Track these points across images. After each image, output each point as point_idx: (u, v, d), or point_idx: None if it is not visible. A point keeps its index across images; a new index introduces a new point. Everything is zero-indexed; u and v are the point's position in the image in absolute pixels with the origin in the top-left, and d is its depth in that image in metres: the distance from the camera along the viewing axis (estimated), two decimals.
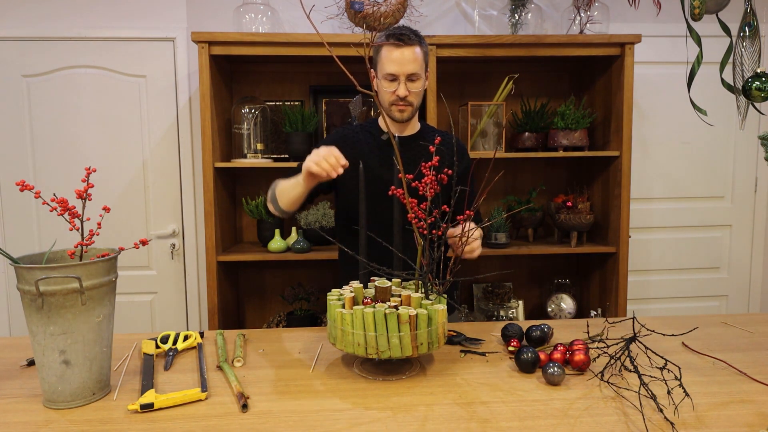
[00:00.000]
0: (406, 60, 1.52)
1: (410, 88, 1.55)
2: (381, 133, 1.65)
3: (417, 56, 1.53)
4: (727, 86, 1.48)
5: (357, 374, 1.15)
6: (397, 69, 1.52)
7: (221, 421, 0.95)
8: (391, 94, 1.55)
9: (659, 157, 2.87)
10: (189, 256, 2.71)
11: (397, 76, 1.53)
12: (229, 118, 2.56)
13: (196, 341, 1.34)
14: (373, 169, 1.61)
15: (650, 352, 1.27)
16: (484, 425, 0.93)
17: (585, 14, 2.48)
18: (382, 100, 1.60)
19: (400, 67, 1.52)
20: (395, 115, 1.59)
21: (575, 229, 2.50)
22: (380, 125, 1.68)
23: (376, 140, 1.65)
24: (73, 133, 2.61)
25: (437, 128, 1.86)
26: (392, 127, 1.65)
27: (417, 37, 1.55)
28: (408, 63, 1.52)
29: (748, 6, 1.42)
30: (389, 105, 1.57)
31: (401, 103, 1.56)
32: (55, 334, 0.98)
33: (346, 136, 1.67)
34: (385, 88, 1.56)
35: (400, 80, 1.53)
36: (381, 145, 1.64)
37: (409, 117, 1.60)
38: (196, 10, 2.61)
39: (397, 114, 1.58)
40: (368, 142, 1.65)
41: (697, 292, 2.98)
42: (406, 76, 1.53)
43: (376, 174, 1.61)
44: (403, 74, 1.53)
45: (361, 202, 1.24)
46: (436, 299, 1.18)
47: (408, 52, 1.52)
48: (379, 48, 1.56)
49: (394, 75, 1.53)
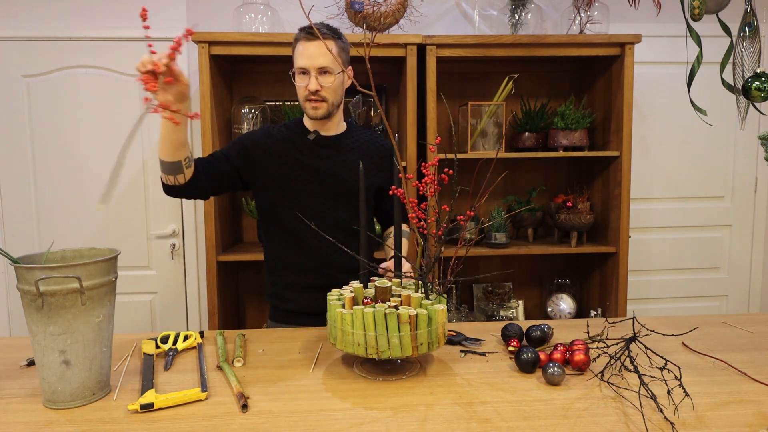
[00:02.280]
0: (317, 53, 1.49)
1: (322, 83, 1.51)
2: (307, 133, 1.62)
3: (327, 50, 1.46)
4: (727, 86, 1.48)
5: (357, 374, 1.15)
6: (306, 63, 1.50)
7: (221, 421, 0.95)
8: (303, 88, 1.53)
9: (659, 157, 2.87)
10: (189, 256, 2.71)
11: (308, 69, 1.50)
12: (229, 118, 2.56)
13: (196, 341, 1.34)
14: (306, 166, 1.59)
15: (650, 352, 1.27)
16: (484, 425, 0.93)
17: (585, 14, 2.48)
18: (298, 98, 1.58)
19: (309, 60, 1.49)
20: (309, 112, 1.56)
21: (575, 229, 2.50)
22: (306, 125, 1.65)
23: (304, 139, 1.62)
24: (73, 133, 2.61)
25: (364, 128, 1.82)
26: (315, 125, 1.62)
27: (332, 32, 1.53)
28: (318, 56, 1.49)
29: (748, 6, 1.42)
30: (304, 101, 1.55)
31: (314, 98, 1.53)
32: (55, 334, 0.98)
33: (271, 134, 1.63)
34: (297, 83, 1.54)
35: (310, 74, 1.51)
36: (310, 144, 1.61)
37: (324, 114, 1.56)
38: (196, 10, 2.61)
39: (311, 111, 1.55)
40: (296, 140, 1.62)
41: (697, 292, 2.98)
42: (316, 70, 1.50)
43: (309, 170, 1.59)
44: (313, 68, 1.50)
45: (361, 202, 1.24)
46: (436, 299, 1.18)
47: (317, 45, 1.49)
48: (295, 44, 1.54)
49: (304, 69, 1.51)
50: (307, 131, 1.62)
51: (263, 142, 1.61)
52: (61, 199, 2.63)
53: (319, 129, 1.62)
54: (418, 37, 2.28)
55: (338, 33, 1.55)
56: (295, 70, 1.54)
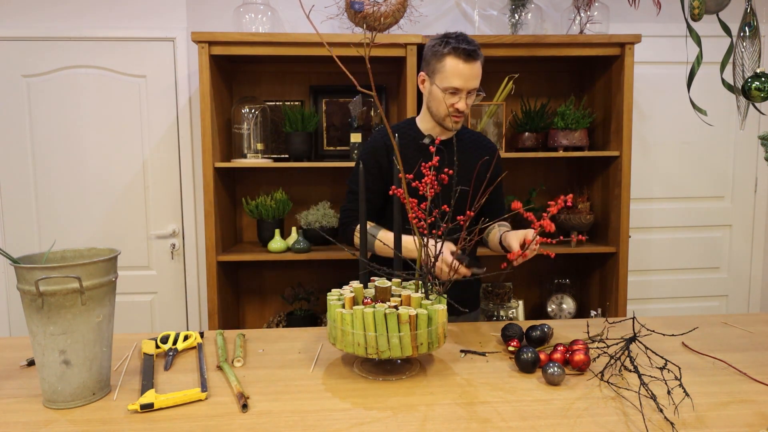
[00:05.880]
0: (473, 75, 1.47)
1: (468, 102, 1.52)
2: (422, 137, 1.62)
3: (480, 71, 1.49)
4: (727, 86, 1.48)
5: (357, 374, 1.15)
6: (462, 84, 1.47)
7: (221, 421, 0.95)
8: (450, 106, 1.50)
9: (659, 157, 2.87)
10: (189, 256, 2.71)
11: (461, 90, 1.48)
12: (229, 118, 2.56)
13: (196, 341, 1.34)
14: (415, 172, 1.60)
15: (650, 352, 1.27)
16: (484, 425, 0.93)
17: (585, 14, 2.48)
18: (436, 109, 1.55)
19: (465, 82, 1.47)
20: (449, 125, 1.55)
21: (575, 229, 2.50)
22: (419, 127, 1.64)
23: (416, 143, 1.62)
24: (73, 133, 2.61)
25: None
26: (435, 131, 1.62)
27: (477, 49, 1.49)
28: (474, 78, 1.47)
29: (748, 6, 1.42)
30: (445, 116, 1.54)
31: (457, 116, 1.52)
32: (55, 334, 0.98)
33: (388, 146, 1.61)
34: (444, 99, 1.51)
35: (461, 95, 1.49)
36: (422, 148, 1.61)
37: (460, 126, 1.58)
38: (196, 10, 2.61)
39: (452, 125, 1.55)
40: (408, 146, 1.61)
41: (697, 292, 2.98)
42: (468, 91, 1.49)
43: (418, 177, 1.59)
44: (467, 89, 1.48)
45: (361, 202, 1.24)
46: (436, 299, 1.18)
47: (475, 68, 1.47)
48: (442, 56, 1.49)
49: (457, 89, 1.48)
50: (421, 135, 1.63)
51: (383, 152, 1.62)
52: (61, 199, 2.63)
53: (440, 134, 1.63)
54: (418, 37, 2.28)
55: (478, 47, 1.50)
56: (443, 86, 1.50)
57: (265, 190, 2.71)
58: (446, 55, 1.48)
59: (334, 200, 2.72)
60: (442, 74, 1.50)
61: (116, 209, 2.67)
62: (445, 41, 1.49)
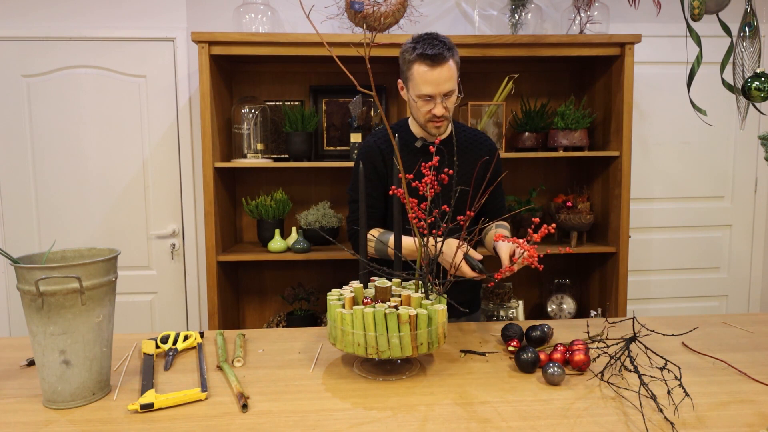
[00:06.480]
0: (442, 79, 1.42)
1: (446, 104, 1.47)
2: (414, 140, 1.61)
3: (452, 72, 1.43)
4: (727, 86, 1.48)
5: (357, 374, 1.15)
6: (433, 90, 1.43)
7: (221, 421, 0.95)
8: (427, 113, 1.48)
9: (659, 157, 2.87)
10: (189, 256, 2.71)
11: (433, 96, 1.45)
12: (229, 118, 2.56)
13: (196, 341, 1.34)
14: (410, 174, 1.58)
15: (650, 352, 1.27)
16: (484, 425, 0.93)
17: (585, 14, 2.48)
18: (416, 116, 1.54)
19: (435, 87, 1.43)
20: (432, 131, 1.53)
21: (575, 229, 2.50)
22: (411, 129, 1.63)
23: (409, 147, 1.60)
24: (73, 133, 2.61)
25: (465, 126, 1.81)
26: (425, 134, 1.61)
27: (449, 49, 1.44)
28: (445, 82, 1.43)
29: (748, 6, 1.42)
30: (425, 122, 1.52)
31: (437, 120, 1.49)
32: (55, 334, 0.98)
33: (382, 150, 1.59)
34: (419, 108, 1.48)
35: (436, 100, 1.45)
36: (415, 151, 1.60)
37: (444, 130, 1.55)
38: (196, 10, 2.61)
39: (434, 130, 1.53)
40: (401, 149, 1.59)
41: (697, 292, 2.98)
42: (442, 96, 1.45)
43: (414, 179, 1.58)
44: (439, 94, 1.44)
45: (361, 202, 1.24)
46: (436, 299, 1.18)
47: (443, 71, 1.42)
48: (410, 63, 1.45)
49: (429, 96, 1.45)
50: (414, 137, 1.61)
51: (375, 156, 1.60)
52: (61, 199, 2.63)
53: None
54: None
55: (452, 46, 1.46)
56: (415, 94, 1.47)
57: (265, 190, 2.71)
58: (413, 63, 1.45)
59: (335, 200, 2.72)
60: (413, 82, 1.47)
61: (116, 209, 2.67)
62: (412, 47, 1.45)
